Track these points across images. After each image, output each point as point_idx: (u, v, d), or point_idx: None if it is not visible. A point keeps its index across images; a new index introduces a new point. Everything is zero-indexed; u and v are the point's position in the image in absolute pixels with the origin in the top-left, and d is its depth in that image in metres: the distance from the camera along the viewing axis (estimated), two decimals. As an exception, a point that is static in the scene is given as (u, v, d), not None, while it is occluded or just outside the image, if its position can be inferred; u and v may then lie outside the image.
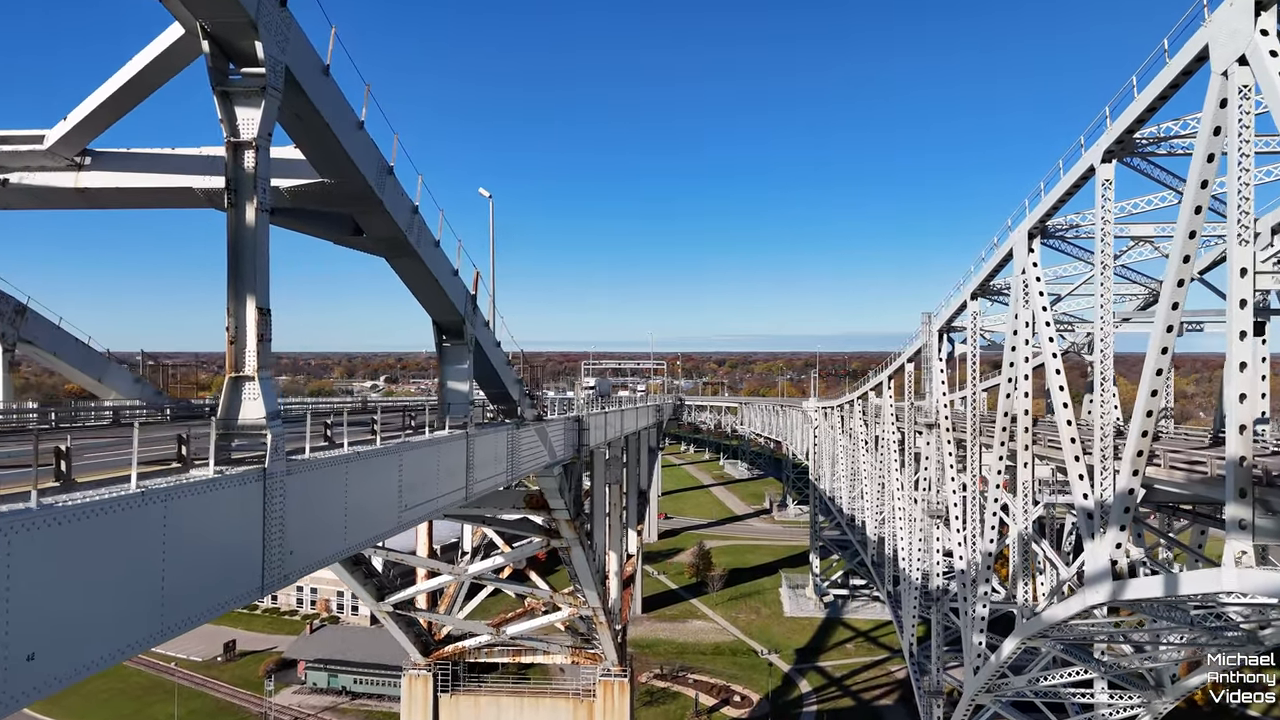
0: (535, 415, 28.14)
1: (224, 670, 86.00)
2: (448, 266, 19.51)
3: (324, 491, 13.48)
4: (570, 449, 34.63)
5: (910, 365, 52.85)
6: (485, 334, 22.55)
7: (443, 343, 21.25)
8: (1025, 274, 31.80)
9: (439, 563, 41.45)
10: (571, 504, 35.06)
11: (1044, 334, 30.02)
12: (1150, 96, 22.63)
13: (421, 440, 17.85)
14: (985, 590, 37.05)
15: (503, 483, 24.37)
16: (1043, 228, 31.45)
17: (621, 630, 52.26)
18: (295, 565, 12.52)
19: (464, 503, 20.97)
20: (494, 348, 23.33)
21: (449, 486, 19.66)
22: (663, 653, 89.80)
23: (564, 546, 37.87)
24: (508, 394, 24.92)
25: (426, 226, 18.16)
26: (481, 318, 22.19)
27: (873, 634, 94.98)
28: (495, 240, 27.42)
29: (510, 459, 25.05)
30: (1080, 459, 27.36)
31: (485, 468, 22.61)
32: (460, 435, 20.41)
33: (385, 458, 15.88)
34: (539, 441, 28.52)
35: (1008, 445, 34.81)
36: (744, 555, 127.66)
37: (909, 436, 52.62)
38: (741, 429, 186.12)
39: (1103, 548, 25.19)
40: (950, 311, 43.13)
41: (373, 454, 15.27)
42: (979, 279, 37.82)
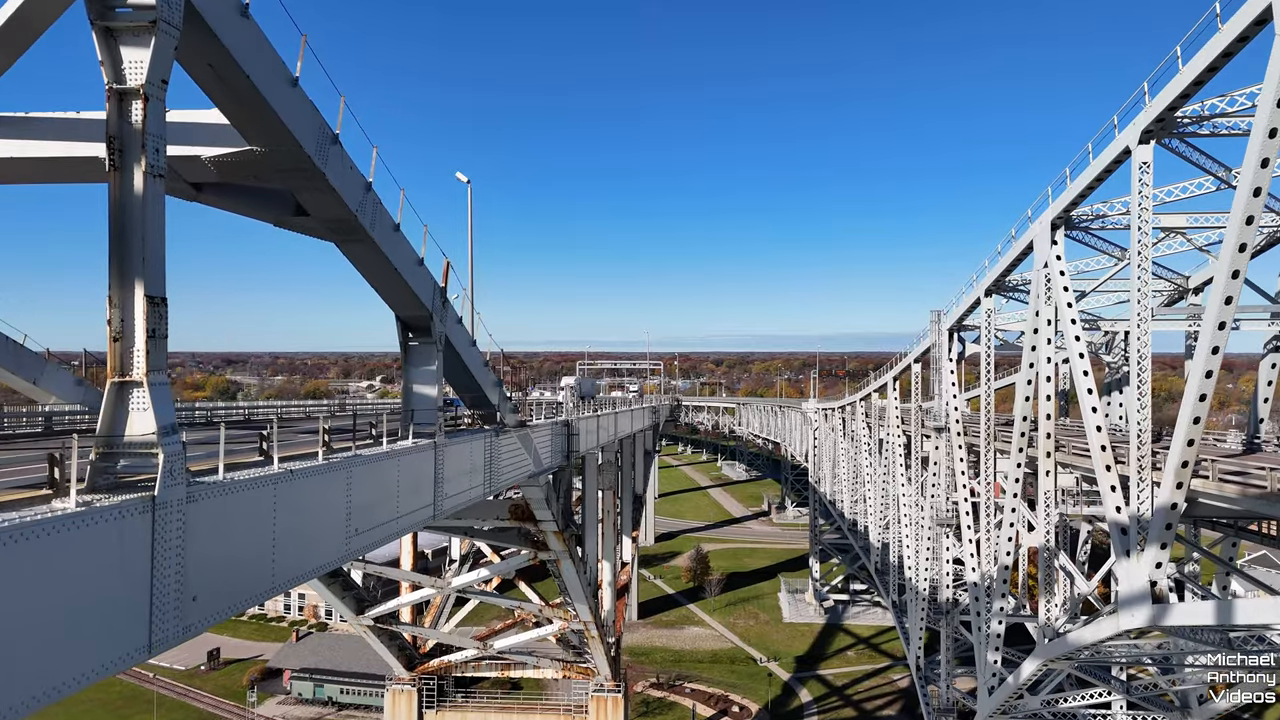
0: (518, 421, 25.80)
1: (207, 680, 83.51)
2: (411, 254, 17.17)
3: (243, 519, 11.14)
4: (559, 455, 32.31)
5: (917, 366, 50.60)
6: (458, 332, 20.22)
7: (408, 341, 18.91)
8: (1048, 268, 29.52)
9: (421, 576, 39.10)
10: (560, 514, 32.73)
11: (1069, 332, 27.73)
12: (1198, 68, 20.34)
13: (376, 453, 15.50)
14: (1002, 606, 34.76)
15: (480, 496, 22.03)
16: (1067, 218, 29.19)
17: (615, 643, 49.94)
18: (201, 614, 10.18)
19: (432, 520, 18.63)
20: (469, 347, 20.99)
21: (412, 504, 17.32)
22: (659, 661, 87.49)
23: (552, 559, 35.53)
24: (485, 398, 22.58)
25: (384, 208, 15.81)
26: (453, 313, 19.86)
27: (874, 640, 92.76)
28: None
29: (488, 470, 22.72)
30: (1112, 468, 25.08)
31: (458, 480, 20.28)
32: (426, 445, 18.08)
33: (328, 475, 13.54)
34: (522, 449, 26.19)
35: (1026, 452, 32.56)
36: (742, 559, 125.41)
37: (916, 440, 50.35)
38: (739, 430, 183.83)
39: (1140, 567, 22.91)
40: (962, 309, 40.86)
41: (311, 472, 12.93)
42: (994, 274, 35.53)
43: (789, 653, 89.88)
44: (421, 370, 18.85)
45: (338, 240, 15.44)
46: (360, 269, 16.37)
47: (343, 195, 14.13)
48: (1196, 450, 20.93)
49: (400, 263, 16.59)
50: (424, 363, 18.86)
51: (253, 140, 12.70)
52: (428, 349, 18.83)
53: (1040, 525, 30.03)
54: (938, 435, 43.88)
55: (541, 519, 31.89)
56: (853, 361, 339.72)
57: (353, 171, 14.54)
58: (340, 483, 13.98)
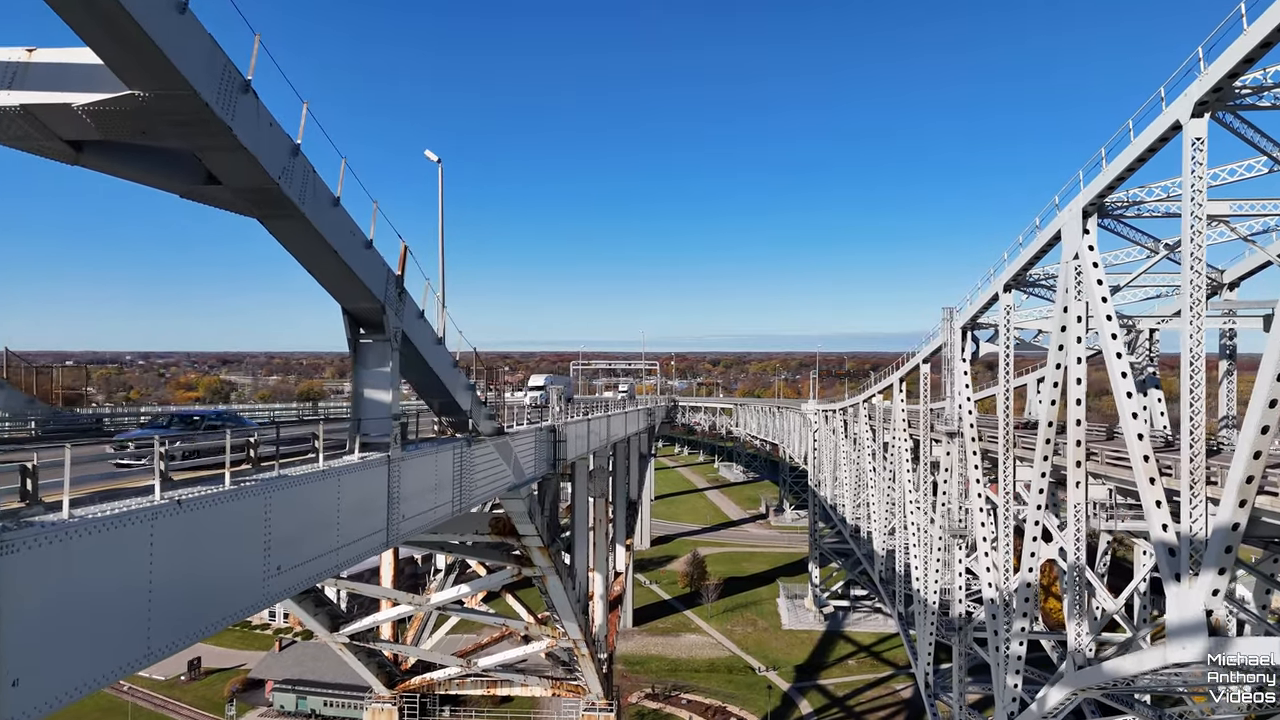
0: (495, 428, 23.13)
1: (187, 691, 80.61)
2: (355, 236, 14.48)
3: (98, 570, 8.47)
4: (544, 464, 29.65)
5: (926, 366, 47.99)
6: (420, 328, 17.54)
7: (358, 338, 16.24)
8: (1078, 259, 26.92)
9: (398, 593, 36.37)
10: (545, 528, 30.05)
11: (1105, 330, 25.13)
12: (1269, 26, 17.73)
13: (305, 473, 12.82)
14: (1023, 626, 32.14)
15: (448, 515, 19.38)
16: (1100, 204, 26.56)
17: (607, 659, 47.30)
18: (28, 703, 7.52)
19: (386, 546, 15.98)
20: (433, 345, 18.32)
21: (358, 530, 14.65)
22: (654, 670, 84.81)
23: (538, 575, 32.86)
24: (455, 403, 19.91)
25: (318, 179, 13.14)
26: (414, 307, 17.18)
27: (875, 648, 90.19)
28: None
29: (458, 484, 20.05)
30: (1157, 481, 22.47)
31: (419, 499, 17.62)
32: (377, 460, 15.41)
33: (237, 504, 10.88)
34: (500, 459, 23.53)
35: (1051, 460, 29.96)
36: (740, 563, 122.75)
37: (925, 445, 47.75)
38: (737, 431, 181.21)
39: (1194, 593, 20.31)
40: (977, 306, 38.24)
41: (210, 501, 10.27)
42: (1015, 267, 32.93)
43: (788, 661, 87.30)
44: (373, 372, 16.18)
45: (260, 216, 12.76)
46: (293, 252, 13.68)
47: (260, 159, 11.44)
48: (1264, 463, 18.33)
49: (342, 245, 13.90)
50: (376, 363, 16.19)
51: (133, 83, 10.00)
52: (381, 347, 16.16)
53: (1070, 541, 27.42)
54: (949, 440, 41.28)
55: (525, 533, 29.22)
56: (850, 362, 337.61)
57: (273, 130, 11.85)
58: (254, 512, 11.31)
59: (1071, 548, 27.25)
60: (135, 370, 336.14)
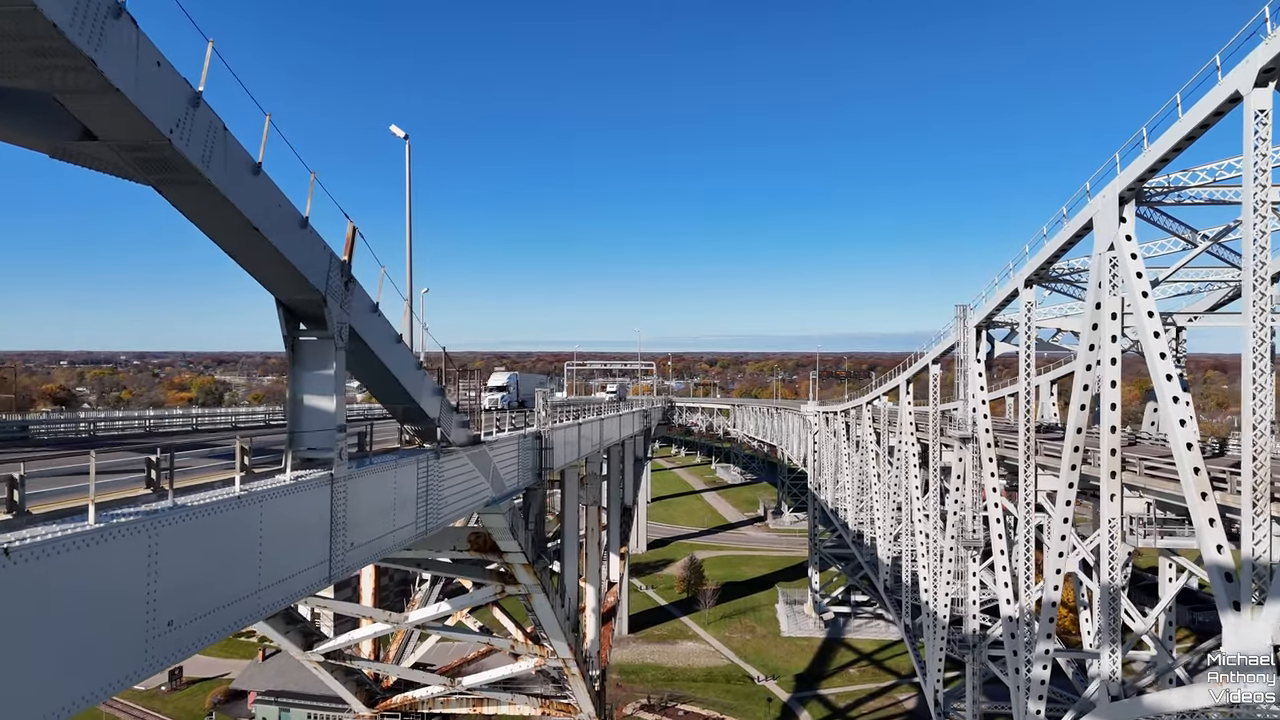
0: (470, 437, 20.68)
1: (168, 701, 78.08)
2: (285, 212, 12.01)
3: None
4: (528, 474, 27.20)
5: (935, 367, 45.61)
6: (373, 324, 15.07)
7: (296, 335, 13.76)
8: (1114, 250, 24.53)
9: (375, 610, 33.87)
10: (529, 543, 27.59)
11: (1147, 328, 22.74)
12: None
13: (212, 501, 10.34)
14: (1047, 648, 29.75)
15: (410, 538, 16.92)
16: (1139, 190, 24.16)
17: (600, 676, 44.86)
18: None
19: (329, 582, 13.51)
20: (391, 344, 15.84)
21: (288, 566, 12.20)
22: (650, 680, 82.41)
23: (523, 593, 30.41)
24: (420, 410, 17.43)
25: (231, 139, 10.67)
26: (363, 299, 14.71)
27: (877, 656, 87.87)
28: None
29: (423, 503, 17.59)
30: (1210, 497, 20.07)
31: (373, 522, 15.16)
32: (317, 480, 12.96)
33: (103, 547, 8.42)
34: (475, 472, 21.06)
35: (1080, 470, 27.57)
36: (737, 567, 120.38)
37: (934, 449, 45.35)
38: (734, 432, 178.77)
39: (1259, 626, 17.93)
40: (993, 303, 35.85)
41: (59, 546, 7.81)
42: (1038, 261, 30.54)
43: (788, 670, 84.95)
44: (314, 375, 13.69)
45: (154, 182, 10.28)
46: (205, 229, 11.20)
47: (141, 107, 8.96)
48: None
49: (266, 222, 11.42)
50: (317, 364, 13.70)
51: (-49, -6, 7.53)
52: (322, 346, 13.67)
53: (1104, 559, 25.02)
54: (962, 445, 38.90)
55: (507, 550, 26.76)
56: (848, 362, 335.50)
57: (162, 71, 9.36)
58: (132, 554, 8.86)
59: (1105, 567, 24.84)
60: (129, 370, 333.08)
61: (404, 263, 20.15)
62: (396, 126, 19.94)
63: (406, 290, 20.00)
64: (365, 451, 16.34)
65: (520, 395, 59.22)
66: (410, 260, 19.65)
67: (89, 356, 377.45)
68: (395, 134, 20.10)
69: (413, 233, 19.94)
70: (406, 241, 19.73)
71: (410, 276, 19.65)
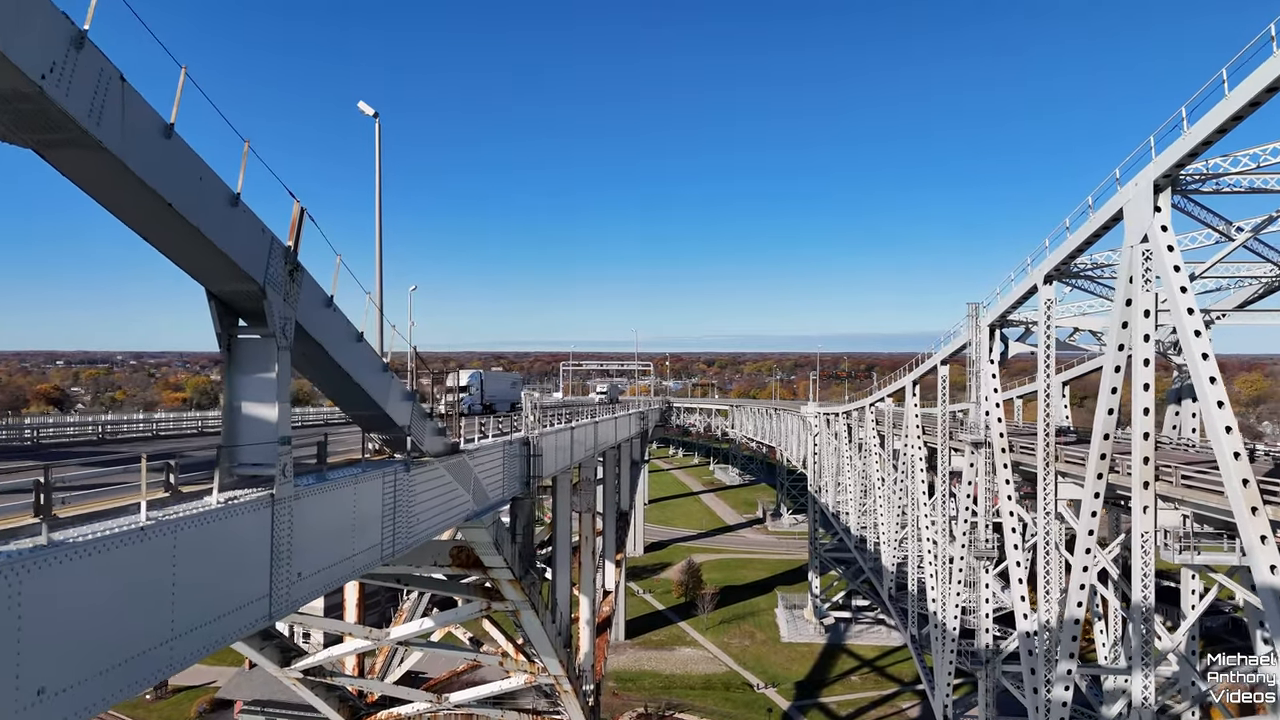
0: (447, 445, 18.77)
1: (152, 710, 75.98)
2: (208, 185, 10.08)
3: None
4: (515, 484, 25.30)
5: (944, 368, 43.75)
6: (327, 320, 13.16)
7: (233, 333, 11.87)
8: (1147, 242, 22.67)
9: (353, 626, 31.91)
10: (516, 558, 25.67)
11: (1187, 326, 20.88)
12: None
13: (100, 536, 8.41)
14: (1069, 668, 27.88)
15: (373, 562, 15.02)
16: (1175, 177, 22.29)
17: (594, 690, 42.99)
18: None
19: (269, 621, 11.60)
20: (349, 343, 13.93)
21: (215, 608, 10.29)
22: (647, 687, 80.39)
23: (510, 610, 28.50)
24: (387, 418, 15.51)
25: (133, 93, 8.77)
26: (315, 291, 12.80)
27: (879, 662, 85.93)
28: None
29: (390, 521, 15.68)
30: (1262, 511, 18.21)
31: (327, 547, 13.27)
32: (252, 502, 11.05)
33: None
34: (453, 484, 19.16)
35: (1107, 478, 25.72)
36: (736, 571, 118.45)
37: (943, 454, 43.49)
38: (733, 433, 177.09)
39: (1324, 659, 16.03)
40: (1009, 301, 33.99)
41: None
42: (1060, 255, 28.68)
43: (788, 677, 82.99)
44: (253, 379, 11.79)
45: (32, 143, 8.38)
46: (105, 202, 9.30)
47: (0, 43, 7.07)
48: None
49: (182, 196, 9.51)
50: (257, 366, 11.80)
51: None
52: (262, 345, 11.77)
53: (1136, 576, 23.15)
54: (975, 450, 37.04)
55: (492, 565, 24.85)
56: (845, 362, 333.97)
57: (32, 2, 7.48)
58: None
59: (1138, 585, 22.98)
60: (125, 370, 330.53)
61: (378, 257, 18.30)
62: (365, 103, 18.01)
63: (376, 282, 18.15)
64: (321, 465, 14.44)
65: (486, 397, 51.99)
66: (380, 250, 17.75)
67: (86, 356, 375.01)
68: (364, 111, 18.19)
69: (382, 227, 18.03)
70: (376, 230, 17.82)
71: (379, 268, 17.76)
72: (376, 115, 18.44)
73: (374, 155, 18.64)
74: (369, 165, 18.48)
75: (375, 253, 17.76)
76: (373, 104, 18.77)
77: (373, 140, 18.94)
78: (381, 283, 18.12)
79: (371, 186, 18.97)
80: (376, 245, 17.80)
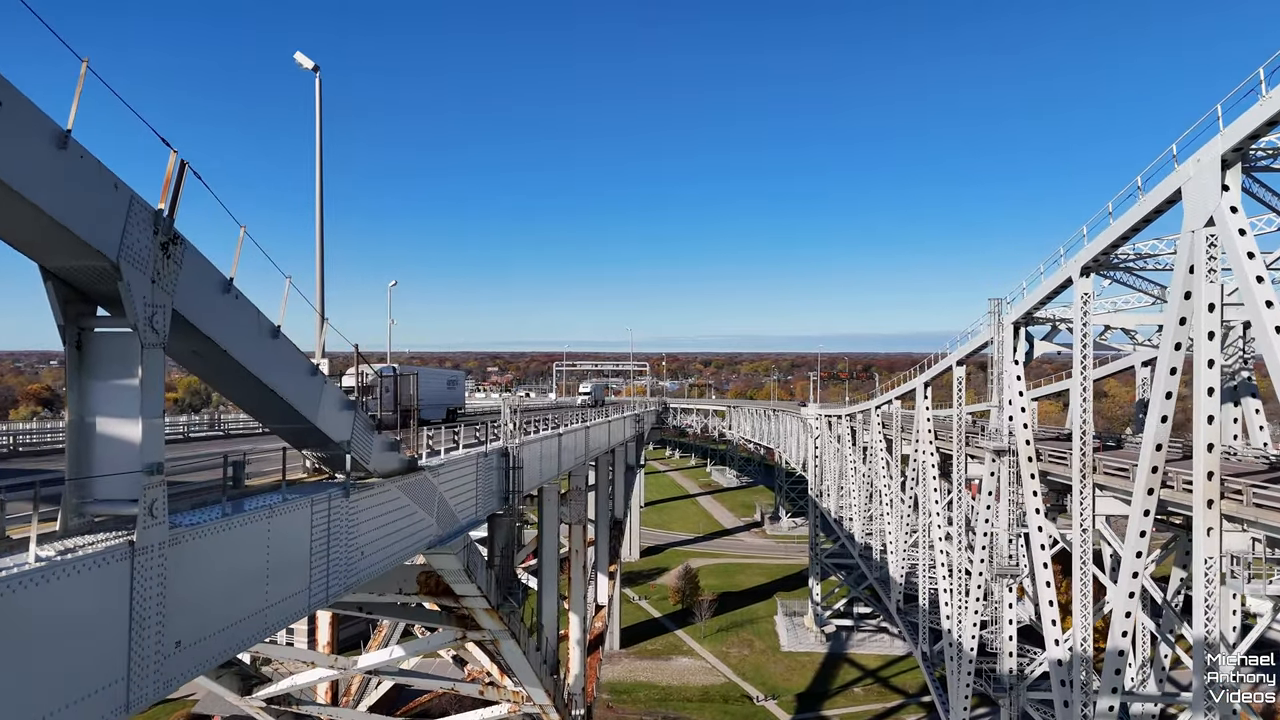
0: (401, 462, 15.83)
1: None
2: (22, 117, 7.12)
3: None
4: (492, 499, 22.39)
5: (960, 369, 40.88)
6: (226, 310, 10.18)
7: (82, 325, 8.92)
8: (1212, 226, 19.78)
9: (315, 654, 28.88)
10: (493, 585, 22.72)
11: (1266, 321, 18.05)
12: None
13: None
14: (1112, 704, 24.98)
15: (296, 613, 12.07)
16: (1247, 152, 19.44)
17: (585, 714, 40.06)
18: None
19: (125, 710, 8.63)
20: (260, 341, 10.96)
21: (38, 706, 7.34)
22: (643, 700, 77.47)
23: (488, 640, 25.55)
24: (317, 432, 12.55)
25: None
26: (206, 270, 9.84)
27: (883, 673, 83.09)
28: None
29: (323, 560, 12.73)
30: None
31: (224, 603, 10.33)
32: (101, 554, 8.10)
33: None
34: (409, 507, 16.21)
35: (1159, 494, 22.85)
36: (734, 576, 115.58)
37: (959, 461, 40.61)
38: (730, 434, 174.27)
39: None
40: (1038, 296, 31.14)
41: None
42: (1101, 244, 25.82)
43: (788, 689, 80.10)
44: (108, 386, 8.84)
45: None
46: None
47: None
48: None
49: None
50: (114, 369, 8.85)
51: None
52: (123, 343, 8.82)
53: (1199, 607, 20.28)
54: (997, 458, 34.17)
55: (464, 594, 21.89)
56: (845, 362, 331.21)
57: None
58: None
59: (1201, 617, 20.11)
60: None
61: (318, 232, 15.29)
62: (302, 54, 15.03)
63: (317, 266, 15.15)
64: (229, 491, 11.47)
65: (405, 400, 36.78)
66: (320, 225, 14.76)
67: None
68: (302, 64, 15.21)
69: (324, 199, 15.02)
70: (316, 200, 14.85)
71: (320, 247, 14.77)
72: (317, 69, 15.50)
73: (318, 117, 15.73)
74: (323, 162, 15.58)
75: (316, 230, 14.76)
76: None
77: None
78: (322, 266, 15.17)
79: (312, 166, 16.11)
80: (317, 219, 14.80)
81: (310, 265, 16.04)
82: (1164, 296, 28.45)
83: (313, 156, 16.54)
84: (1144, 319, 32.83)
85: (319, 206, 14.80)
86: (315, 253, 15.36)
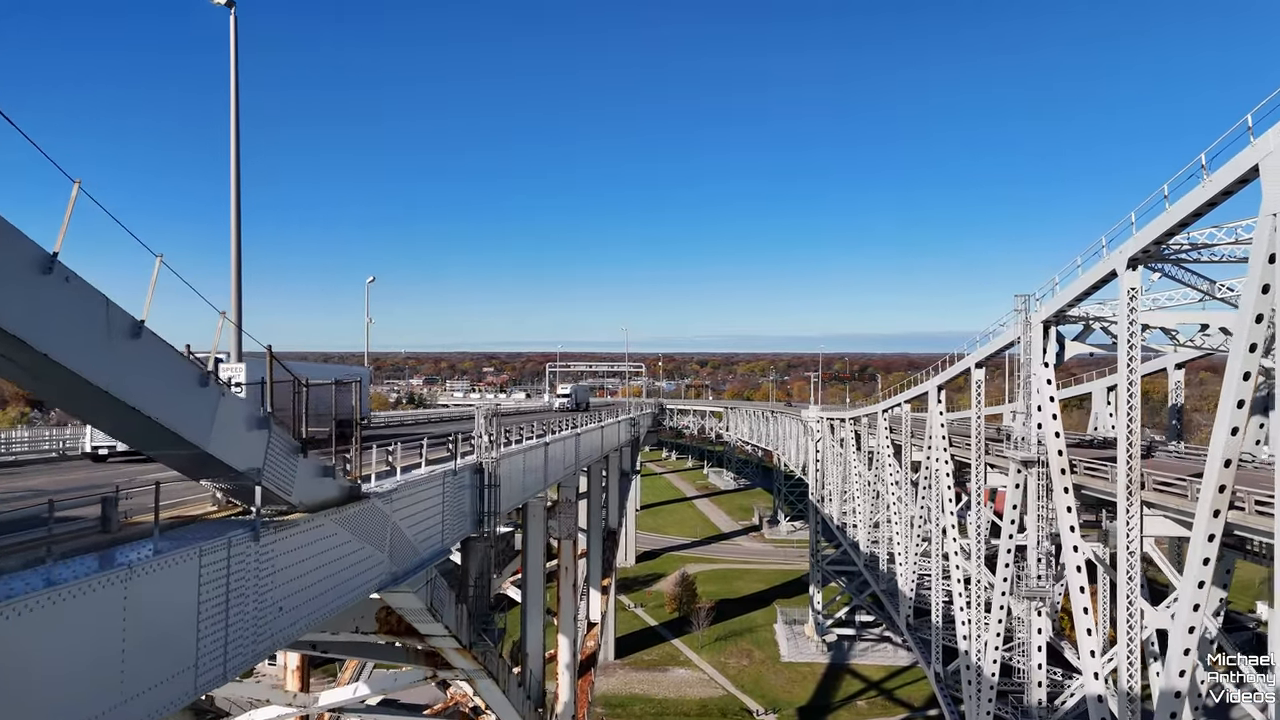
0: (342, 489, 12.89)
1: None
2: None
3: None
4: (463, 522, 19.47)
5: (979, 371, 38.04)
6: (41, 301, 7.25)
7: None
8: (1302, 208, 16.91)
9: (268, 690, 25.84)
10: (464, 622, 19.75)
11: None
12: None
13: None
14: (1167, 753, 22.11)
15: (183, 695, 9.15)
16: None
17: (576, 744, 37.15)
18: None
19: None
20: (107, 342, 8.03)
21: None
22: (638, 714, 74.64)
23: (461, 679, 22.60)
24: (207, 458, 9.60)
25: None
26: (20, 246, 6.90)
27: (886, 685, 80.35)
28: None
29: (221, 623, 9.78)
30: None
31: (52, 703, 7.36)
32: None
33: None
34: (351, 544, 13.26)
35: (1226, 517, 19.98)
36: (732, 582, 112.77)
37: (977, 471, 37.77)
38: (727, 436, 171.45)
39: None
40: (1074, 292, 28.27)
41: None
42: (1155, 231, 22.92)
43: (789, 701, 77.33)
44: None
45: None
46: None
47: None
48: None
49: None
50: None
51: None
52: None
53: (1276, 647, 17.41)
54: (1023, 469, 31.32)
55: (429, 634, 18.93)
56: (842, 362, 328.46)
57: None
58: None
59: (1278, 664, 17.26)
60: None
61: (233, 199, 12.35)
62: (214, -15, 12.07)
63: (232, 240, 12.16)
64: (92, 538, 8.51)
65: (280, 410, 21.52)
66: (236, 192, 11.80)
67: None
68: None
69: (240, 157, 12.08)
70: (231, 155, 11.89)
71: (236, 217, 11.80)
72: (231, 4, 12.62)
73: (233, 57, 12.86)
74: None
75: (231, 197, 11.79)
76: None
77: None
78: (239, 247, 12.20)
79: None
80: (232, 184, 11.81)
81: (225, 263, 13.14)
82: (1213, 292, 25.64)
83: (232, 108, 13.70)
84: (1185, 317, 30.07)
85: (234, 168, 11.94)
86: (229, 231, 12.48)
